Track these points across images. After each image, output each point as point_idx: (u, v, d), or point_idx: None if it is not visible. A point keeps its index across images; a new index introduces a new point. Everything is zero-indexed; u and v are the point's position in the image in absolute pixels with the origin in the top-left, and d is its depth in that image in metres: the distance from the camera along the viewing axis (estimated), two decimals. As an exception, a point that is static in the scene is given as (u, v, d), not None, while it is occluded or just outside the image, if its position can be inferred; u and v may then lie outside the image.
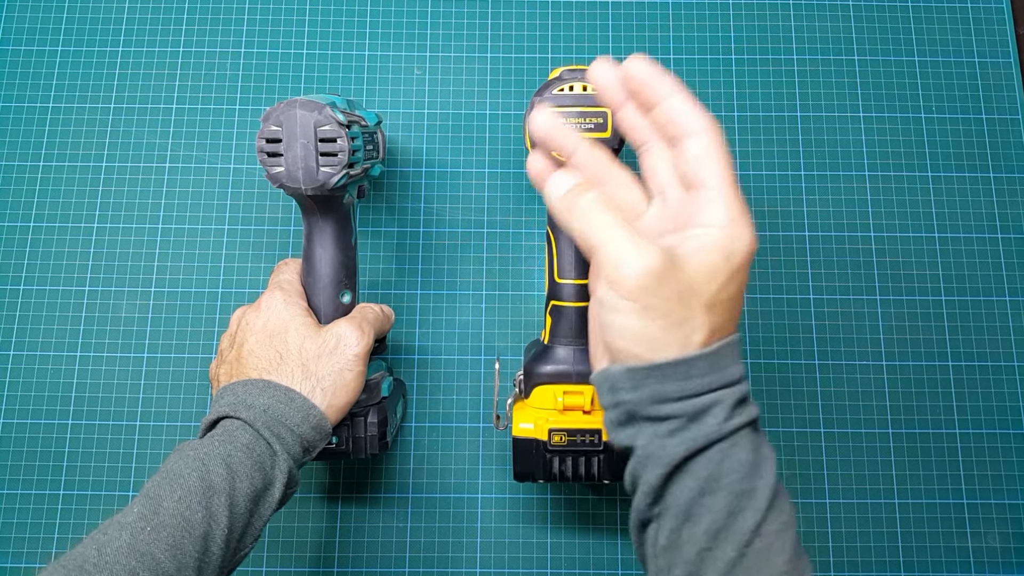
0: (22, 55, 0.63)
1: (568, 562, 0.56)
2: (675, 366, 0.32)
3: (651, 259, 0.31)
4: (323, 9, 0.64)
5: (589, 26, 0.64)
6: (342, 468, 0.57)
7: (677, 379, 0.32)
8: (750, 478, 0.32)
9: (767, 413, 0.58)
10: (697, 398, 0.32)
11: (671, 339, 0.32)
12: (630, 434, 0.34)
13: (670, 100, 0.34)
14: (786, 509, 0.33)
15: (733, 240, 0.33)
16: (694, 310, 0.32)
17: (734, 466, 0.32)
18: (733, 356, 0.33)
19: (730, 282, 0.33)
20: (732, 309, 0.34)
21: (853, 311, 0.59)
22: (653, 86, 0.34)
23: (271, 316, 0.46)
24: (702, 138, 0.33)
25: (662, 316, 0.32)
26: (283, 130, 0.43)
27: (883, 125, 0.62)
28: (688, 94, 0.34)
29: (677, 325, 0.32)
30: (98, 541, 0.35)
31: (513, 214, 0.61)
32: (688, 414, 0.32)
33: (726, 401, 0.32)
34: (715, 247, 0.32)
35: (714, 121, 0.34)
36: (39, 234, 0.60)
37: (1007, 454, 0.57)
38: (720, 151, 0.33)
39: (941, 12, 0.64)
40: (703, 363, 0.32)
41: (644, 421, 0.33)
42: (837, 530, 0.56)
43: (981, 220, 0.60)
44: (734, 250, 0.33)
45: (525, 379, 0.49)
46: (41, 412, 0.58)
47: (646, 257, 0.32)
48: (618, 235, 0.32)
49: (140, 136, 0.62)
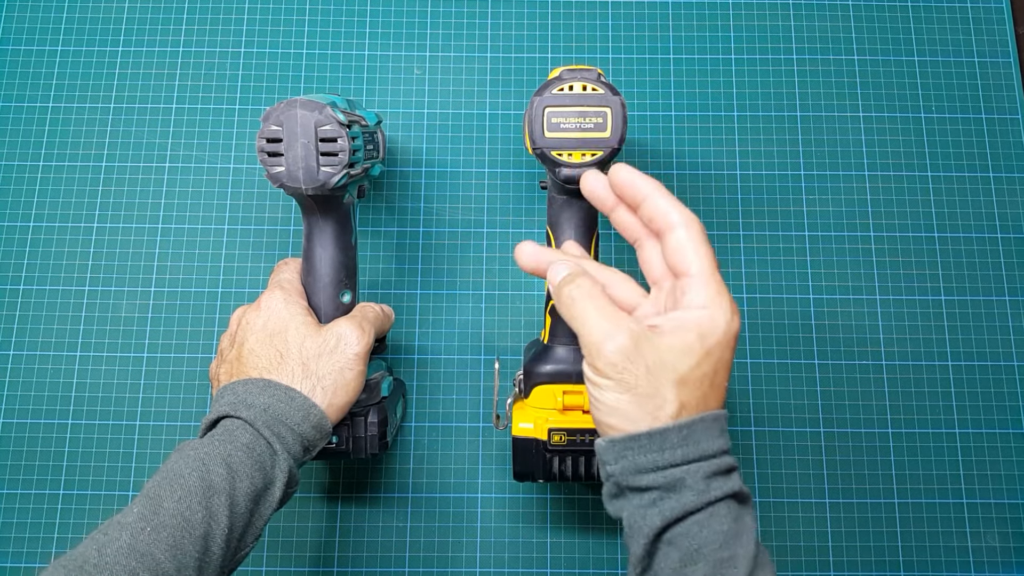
0: (22, 55, 0.63)
1: (568, 562, 0.56)
2: (649, 437, 0.35)
3: (620, 338, 0.35)
4: (323, 9, 0.64)
5: (589, 26, 0.64)
6: (342, 468, 0.57)
7: (651, 450, 0.34)
8: (729, 546, 0.34)
9: (767, 413, 0.58)
10: (670, 469, 0.34)
11: (642, 412, 0.35)
12: (619, 506, 0.36)
13: (650, 199, 0.38)
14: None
15: (710, 320, 0.35)
16: (664, 385, 0.35)
17: (712, 536, 0.33)
18: (711, 430, 0.35)
19: (705, 360, 0.35)
20: (709, 386, 0.36)
21: (853, 311, 0.59)
22: (635, 187, 0.38)
23: (271, 315, 0.46)
24: (681, 231, 0.37)
25: (630, 389, 0.35)
26: (283, 130, 0.43)
27: (883, 125, 0.62)
28: (666, 192, 0.38)
29: (647, 398, 0.35)
30: (98, 541, 0.35)
31: (513, 214, 0.61)
32: (663, 485, 0.34)
33: (700, 472, 0.34)
34: (690, 326, 0.35)
35: (691, 215, 0.37)
36: (39, 234, 0.60)
37: (1007, 454, 0.57)
38: (698, 241, 0.36)
39: (941, 12, 0.64)
40: (674, 435, 0.34)
41: (629, 492, 0.36)
42: (837, 530, 0.56)
43: (981, 220, 0.60)
44: (710, 329, 0.35)
45: (525, 379, 0.49)
46: (41, 412, 0.58)
47: (616, 337, 0.35)
48: (595, 319, 0.36)
49: (140, 136, 0.62)
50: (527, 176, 0.61)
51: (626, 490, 0.36)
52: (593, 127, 0.43)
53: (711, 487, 0.34)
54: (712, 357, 0.35)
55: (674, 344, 0.35)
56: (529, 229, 0.60)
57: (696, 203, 0.61)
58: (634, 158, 0.61)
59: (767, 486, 0.57)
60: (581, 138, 0.43)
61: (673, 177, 0.61)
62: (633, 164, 0.39)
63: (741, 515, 0.34)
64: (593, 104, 0.43)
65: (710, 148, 0.62)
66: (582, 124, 0.43)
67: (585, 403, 0.47)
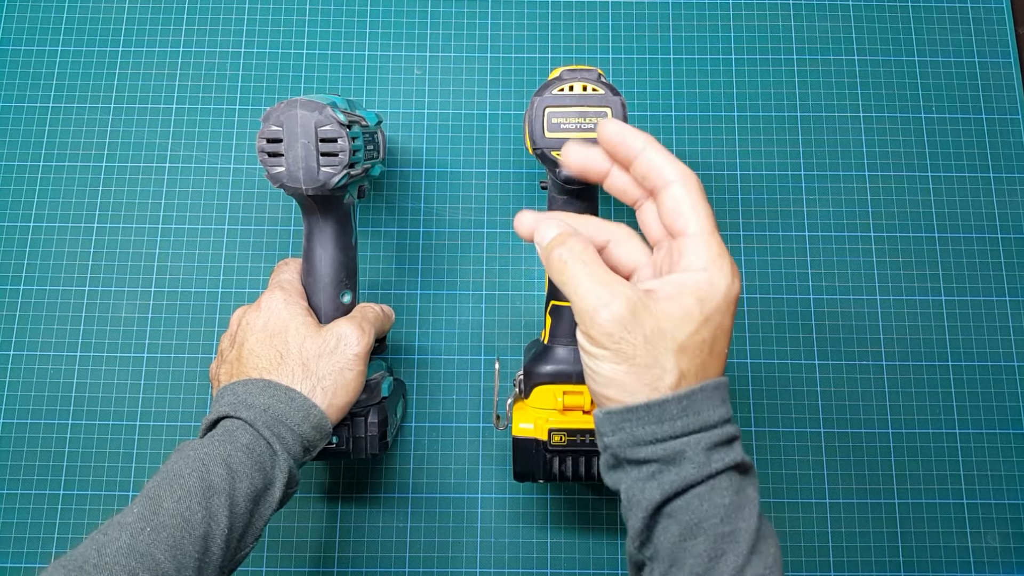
0: (22, 55, 0.63)
1: (568, 562, 0.56)
2: (647, 408, 0.33)
3: (616, 307, 0.33)
4: (323, 9, 0.64)
5: (589, 26, 0.64)
6: (342, 468, 0.57)
7: (650, 422, 0.33)
8: (731, 520, 0.32)
9: (767, 413, 0.58)
10: (670, 441, 0.33)
11: (640, 383, 0.33)
12: (617, 478, 0.35)
13: (644, 154, 0.35)
14: (771, 553, 0.33)
15: (709, 284, 0.33)
16: (663, 354, 0.33)
17: (713, 510, 0.32)
18: (712, 400, 0.33)
19: (704, 325, 0.33)
20: (708, 353, 0.34)
21: (853, 311, 0.59)
22: (627, 143, 0.35)
23: (271, 316, 0.46)
24: (677, 187, 0.34)
25: (627, 360, 0.33)
26: (284, 130, 0.43)
27: (883, 125, 0.62)
28: (660, 147, 0.35)
29: (645, 369, 0.33)
30: (98, 541, 0.35)
31: (513, 214, 0.61)
32: (662, 457, 0.33)
33: (701, 444, 0.33)
34: (689, 290, 0.33)
35: (688, 170, 0.35)
36: (39, 234, 0.60)
37: (1007, 454, 0.57)
38: (695, 197, 0.34)
39: (941, 12, 0.64)
40: (674, 406, 0.33)
41: (628, 465, 0.34)
42: (837, 530, 0.56)
43: (981, 220, 0.60)
44: (710, 293, 0.33)
45: (525, 379, 0.49)
46: (41, 412, 0.58)
47: (612, 305, 0.33)
48: (588, 284, 0.34)
49: (140, 136, 0.62)
50: (527, 176, 0.61)
51: (624, 462, 0.34)
52: (593, 127, 0.43)
53: (712, 459, 0.33)
54: (712, 323, 0.33)
55: (672, 310, 0.33)
56: (529, 229, 0.60)
57: (696, 203, 0.61)
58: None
59: (767, 486, 0.57)
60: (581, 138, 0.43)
61: (673, 177, 0.61)
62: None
63: (743, 487, 0.33)
64: (593, 104, 0.43)
65: (710, 148, 0.62)
66: (582, 124, 0.43)
67: (586, 403, 0.47)
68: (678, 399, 0.33)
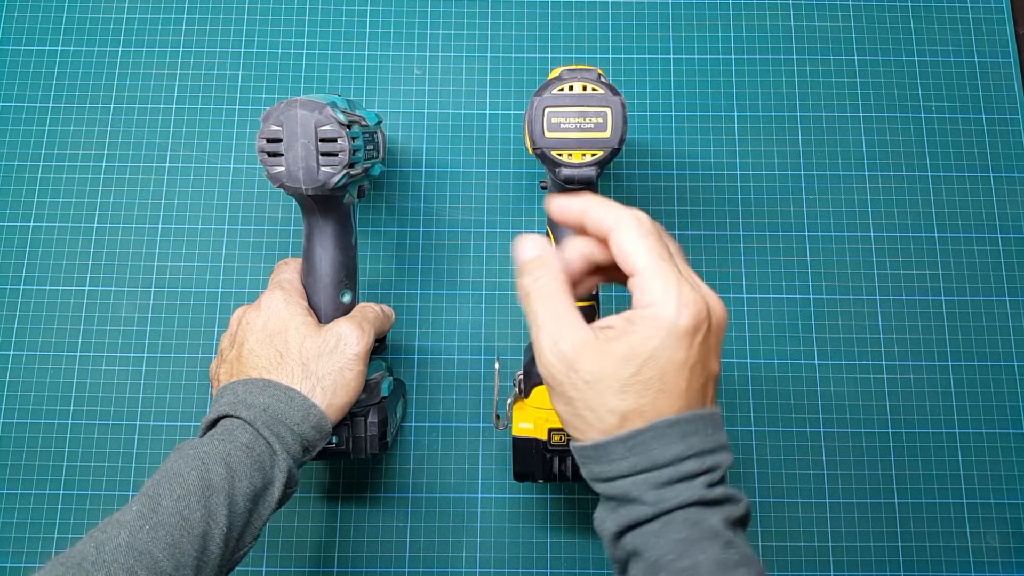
0: (22, 55, 0.63)
1: (568, 562, 0.56)
2: (594, 449, 0.33)
3: (563, 346, 0.33)
4: (323, 9, 0.64)
5: (589, 26, 0.64)
6: (342, 468, 0.57)
7: (599, 462, 0.33)
8: (690, 555, 0.31)
9: (767, 413, 0.58)
10: (618, 481, 0.33)
11: (586, 423, 0.34)
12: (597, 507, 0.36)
13: (585, 216, 0.36)
14: None
15: (654, 319, 0.33)
16: (605, 395, 0.33)
17: (669, 546, 0.32)
18: (665, 438, 0.33)
19: (648, 363, 0.33)
20: (659, 391, 0.33)
21: (853, 311, 0.59)
22: (569, 212, 0.37)
23: (271, 315, 0.46)
24: (616, 232, 0.35)
25: (570, 402, 0.34)
26: (283, 130, 0.43)
27: (883, 125, 0.62)
28: (599, 201, 0.36)
29: (589, 410, 0.33)
30: (96, 539, 0.35)
31: (513, 214, 0.61)
32: (614, 496, 0.33)
33: (648, 484, 0.32)
34: (635, 327, 0.33)
35: (627, 212, 0.35)
36: (39, 234, 0.60)
37: (1007, 454, 0.57)
38: (636, 235, 0.34)
39: (941, 12, 0.64)
40: (618, 447, 0.33)
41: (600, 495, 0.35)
42: (837, 530, 0.56)
43: (981, 220, 0.60)
44: (655, 330, 0.33)
45: (525, 379, 0.49)
46: (41, 412, 0.58)
47: (559, 343, 0.34)
48: (542, 321, 0.35)
49: (140, 136, 0.62)
50: (527, 176, 0.61)
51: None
52: (593, 127, 0.43)
53: (664, 497, 0.32)
54: (658, 360, 0.32)
55: (618, 349, 0.33)
56: (529, 229, 0.60)
57: (696, 203, 0.61)
58: (634, 158, 0.61)
59: (767, 486, 0.57)
60: (581, 138, 0.43)
61: (673, 177, 0.61)
62: (633, 164, 0.38)
63: (703, 519, 0.32)
64: (593, 104, 0.43)
65: (710, 148, 0.62)
66: (582, 124, 0.43)
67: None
68: (621, 440, 0.33)
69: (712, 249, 0.60)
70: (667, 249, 0.35)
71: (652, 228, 0.35)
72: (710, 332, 0.34)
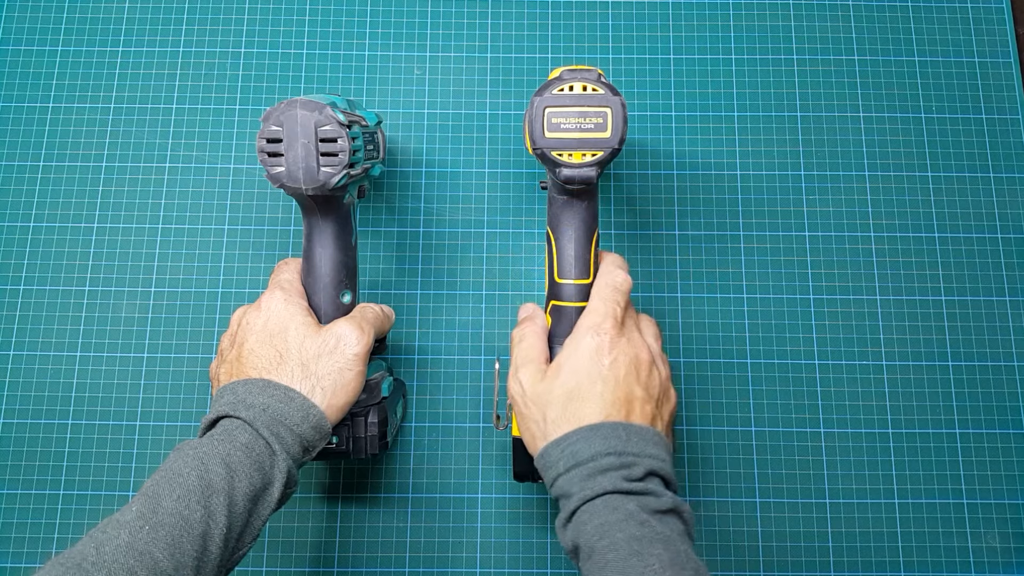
0: (22, 55, 0.63)
1: (568, 562, 0.56)
2: (542, 457, 0.42)
3: (521, 374, 0.44)
4: (323, 9, 0.64)
5: (589, 26, 0.64)
6: (342, 468, 0.57)
7: (547, 468, 0.41)
8: (608, 535, 0.37)
9: (767, 413, 0.58)
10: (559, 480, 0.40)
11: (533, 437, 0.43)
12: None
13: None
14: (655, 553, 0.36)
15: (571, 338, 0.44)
16: (544, 409, 0.42)
17: (593, 530, 0.37)
18: (589, 439, 0.40)
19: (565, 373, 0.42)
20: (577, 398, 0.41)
21: (853, 311, 0.59)
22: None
23: (271, 315, 0.46)
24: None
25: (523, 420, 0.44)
26: (284, 130, 0.43)
27: (883, 125, 0.62)
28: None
29: (535, 423, 0.43)
30: (96, 539, 0.35)
31: (513, 214, 0.61)
32: (557, 496, 0.41)
33: (576, 477, 0.39)
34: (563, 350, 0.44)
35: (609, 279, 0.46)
36: (39, 234, 0.60)
37: (1007, 454, 0.57)
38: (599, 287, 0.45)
39: (941, 12, 0.64)
40: (555, 450, 0.41)
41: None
42: (837, 530, 0.56)
43: (981, 220, 0.60)
44: (571, 347, 0.43)
45: (525, 379, 0.49)
46: (41, 412, 0.58)
47: (518, 373, 0.44)
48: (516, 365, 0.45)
49: (140, 136, 0.62)
50: (527, 176, 0.61)
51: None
52: (593, 127, 0.43)
53: (586, 487, 0.39)
54: (574, 369, 0.42)
55: (551, 369, 0.43)
56: (529, 229, 0.60)
57: (696, 203, 0.61)
58: (634, 158, 0.61)
59: (767, 486, 0.57)
60: (581, 138, 0.43)
61: (673, 177, 0.61)
62: (633, 164, 0.38)
63: (621, 505, 0.38)
64: (593, 104, 0.43)
65: (710, 148, 0.62)
66: (582, 124, 0.43)
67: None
68: (556, 444, 0.41)
69: (712, 249, 0.60)
70: (622, 305, 0.44)
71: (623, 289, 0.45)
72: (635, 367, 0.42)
